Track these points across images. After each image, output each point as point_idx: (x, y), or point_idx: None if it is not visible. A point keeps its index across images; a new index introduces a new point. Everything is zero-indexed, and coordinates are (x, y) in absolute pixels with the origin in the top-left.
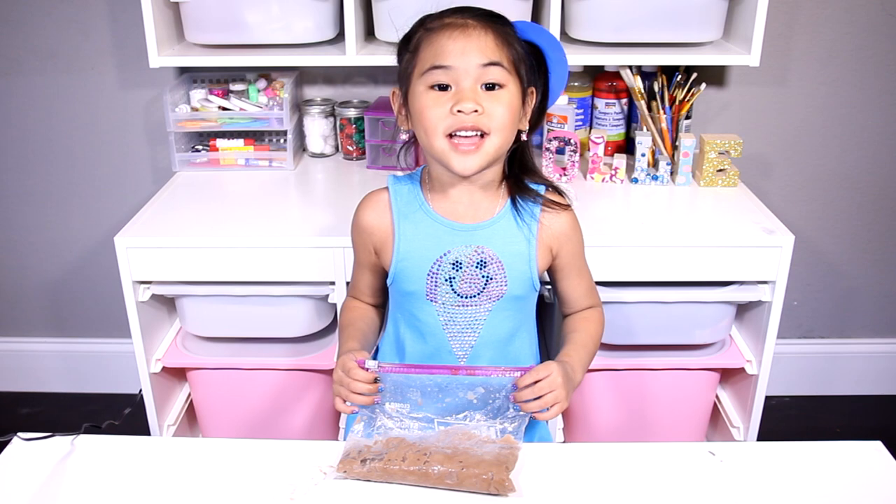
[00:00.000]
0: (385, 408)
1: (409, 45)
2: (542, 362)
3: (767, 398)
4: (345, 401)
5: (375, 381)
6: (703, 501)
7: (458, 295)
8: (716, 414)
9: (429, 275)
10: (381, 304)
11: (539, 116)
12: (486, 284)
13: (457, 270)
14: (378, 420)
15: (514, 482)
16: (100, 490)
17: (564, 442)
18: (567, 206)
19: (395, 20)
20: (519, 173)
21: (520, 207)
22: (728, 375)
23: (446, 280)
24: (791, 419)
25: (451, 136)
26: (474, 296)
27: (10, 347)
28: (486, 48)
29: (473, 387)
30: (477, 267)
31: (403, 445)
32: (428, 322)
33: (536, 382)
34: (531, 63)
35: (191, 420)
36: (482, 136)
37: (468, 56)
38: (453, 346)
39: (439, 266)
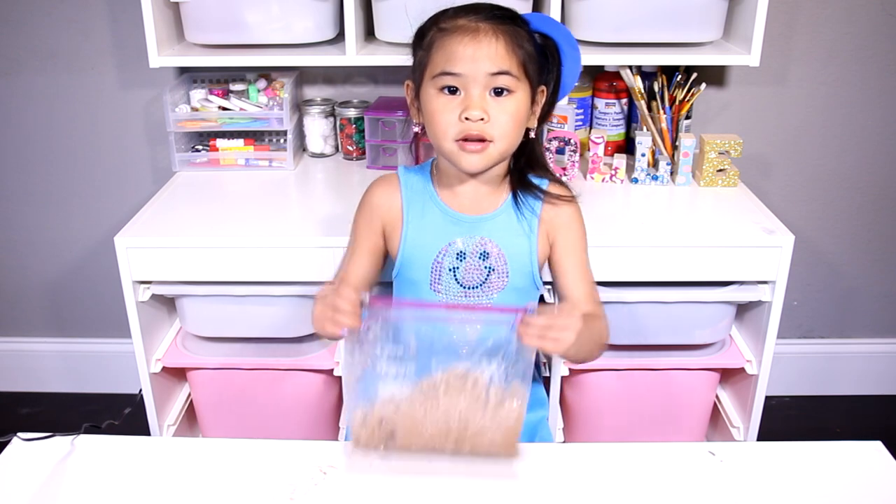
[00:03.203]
0: (377, 352)
1: (422, 42)
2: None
3: (767, 398)
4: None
5: (361, 305)
6: (703, 501)
7: (462, 285)
8: (716, 414)
9: (433, 264)
10: None
11: (549, 109)
12: (488, 275)
13: (460, 261)
14: (372, 377)
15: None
16: (100, 490)
17: (564, 442)
18: (570, 199)
19: (409, 13)
20: (524, 167)
21: (521, 202)
22: (728, 375)
23: (450, 270)
24: (791, 419)
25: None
26: (477, 286)
27: (10, 347)
28: (495, 56)
29: (471, 323)
30: (480, 258)
31: (406, 422)
32: None
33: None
34: (542, 61)
35: (191, 420)
36: (488, 140)
37: (478, 64)
38: (455, 336)
39: (444, 255)
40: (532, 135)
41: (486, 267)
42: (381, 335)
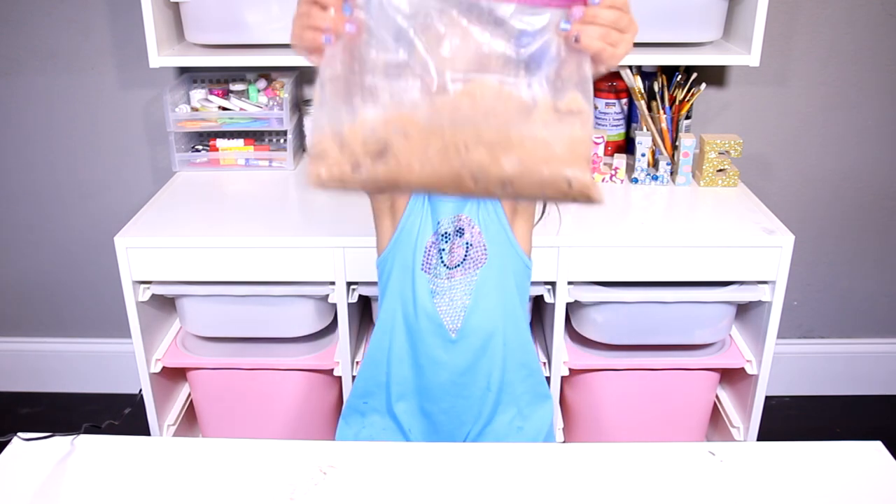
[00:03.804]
0: (370, 54)
1: None
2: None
3: (767, 398)
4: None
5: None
6: (703, 501)
7: (446, 266)
8: (716, 414)
9: (427, 246)
10: None
11: None
12: (467, 252)
13: (446, 242)
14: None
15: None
16: (100, 490)
17: (564, 442)
18: None
19: None
20: None
21: None
22: (728, 375)
23: (439, 251)
24: (791, 419)
25: None
26: (458, 265)
27: (10, 347)
28: None
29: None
30: (457, 235)
31: (411, 128)
32: (420, 294)
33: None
34: None
35: (191, 420)
36: None
37: None
38: (444, 320)
39: (436, 238)
40: None
41: (463, 243)
42: (374, 32)
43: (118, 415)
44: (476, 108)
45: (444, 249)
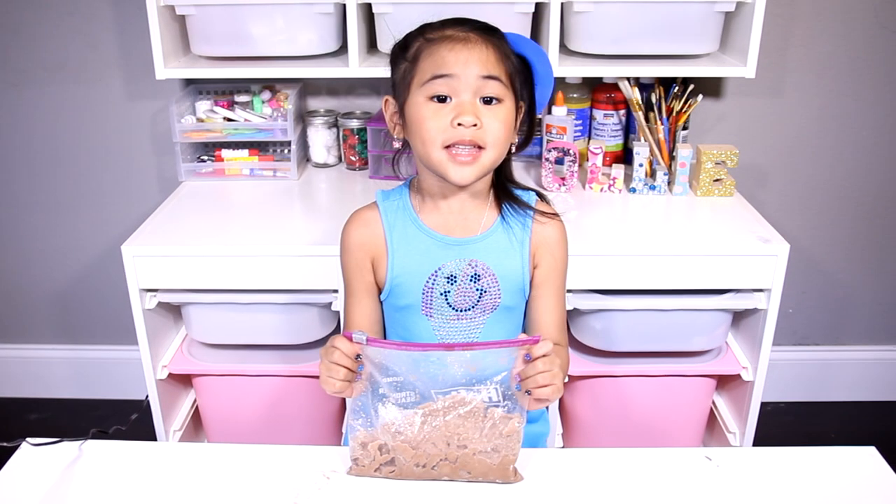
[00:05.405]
0: (377, 379)
1: (406, 54)
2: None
3: (763, 404)
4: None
5: (358, 357)
6: None
7: (454, 308)
8: (712, 420)
9: (424, 289)
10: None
11: (532, 127)
12: (480, 297)
13: (451, 284)
14: (372, 399)
15: (519, 471)
16: (107, 495)
17: (563, 447)
18: (556, 215)
19: (392, 29)
20: (505, 182)
21: (511, 220)
22: (724, 382)
23: (441, 294)
24: (786, 425)
25: (448, 146)
26: (468, 309)
27: (18, 354)
28: (487, 61)
29: (472, 362)
30: (471, 280)
31: (405, 453)
32: (423, 336)
33: (542, 358)
34: (523, 76)
35: (196, 426)
36: (479, 148)
37: (470, 67)
38: (454, 371)
39: (434, 280)
40: (513, 150)
41: (477, 289)
42: (380, 369)
43: (125, 420)
44: (448, 431)
45: (448, 292)
